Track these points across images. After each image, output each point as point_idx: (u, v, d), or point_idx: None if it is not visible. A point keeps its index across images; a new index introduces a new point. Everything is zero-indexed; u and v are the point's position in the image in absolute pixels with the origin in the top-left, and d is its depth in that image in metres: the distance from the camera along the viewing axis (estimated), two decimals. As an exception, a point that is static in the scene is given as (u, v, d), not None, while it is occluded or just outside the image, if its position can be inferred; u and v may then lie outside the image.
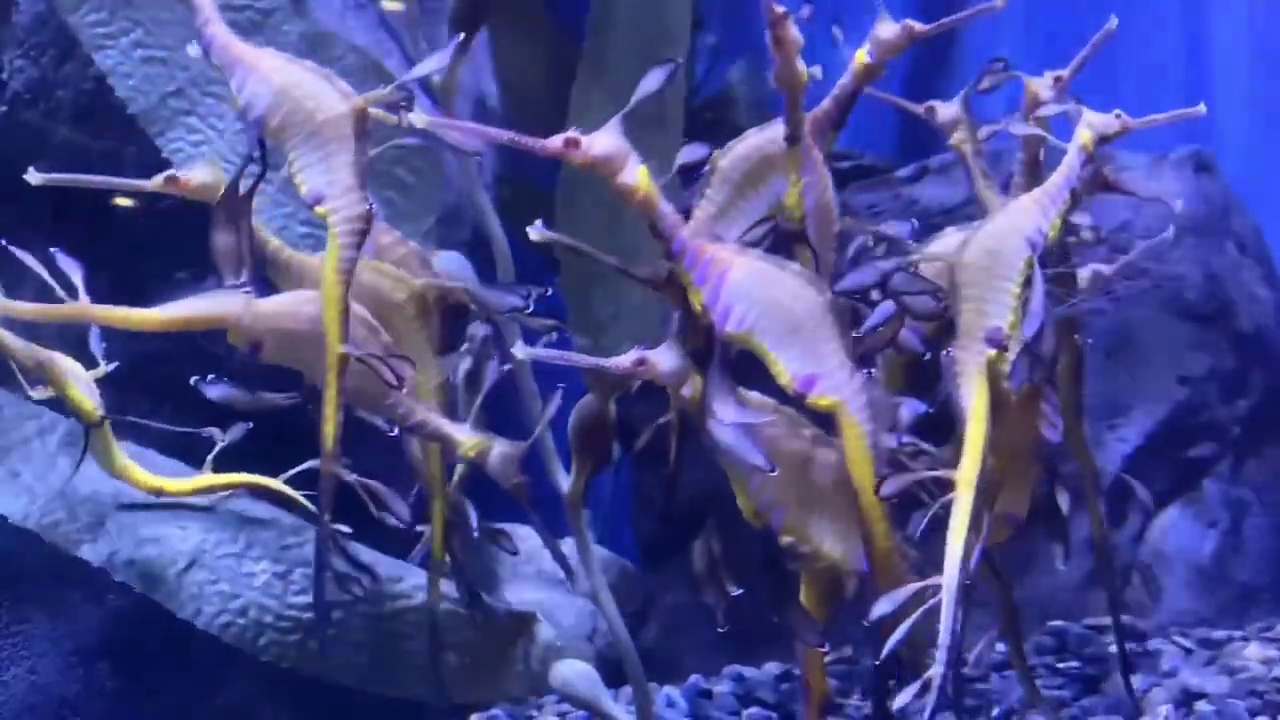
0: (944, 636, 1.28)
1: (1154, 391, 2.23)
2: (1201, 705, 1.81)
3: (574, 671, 1.94)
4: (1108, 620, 2.13)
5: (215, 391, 1.59)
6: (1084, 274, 1.67)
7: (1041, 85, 1.59)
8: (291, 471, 1.87)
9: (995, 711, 1.81)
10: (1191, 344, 2.24)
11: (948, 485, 1.34)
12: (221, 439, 1.85)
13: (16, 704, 1.92)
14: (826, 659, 1.50)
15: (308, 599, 1.83)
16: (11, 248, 1.64)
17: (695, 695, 2.03)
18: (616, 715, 1.91)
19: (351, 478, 1.54)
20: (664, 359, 1.36)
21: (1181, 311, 2.23)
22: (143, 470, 1.86)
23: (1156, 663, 1.99)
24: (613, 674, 1.98)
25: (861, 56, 1.51)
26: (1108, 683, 1.93)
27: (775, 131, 1.53)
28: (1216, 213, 2.28)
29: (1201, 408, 2.25)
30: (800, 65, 1.43)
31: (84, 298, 1.58)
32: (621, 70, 2.00)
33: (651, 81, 1.35)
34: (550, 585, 2.24)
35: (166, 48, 1.95)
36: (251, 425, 1.84)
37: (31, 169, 1.50)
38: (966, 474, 1.33)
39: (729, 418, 1.32)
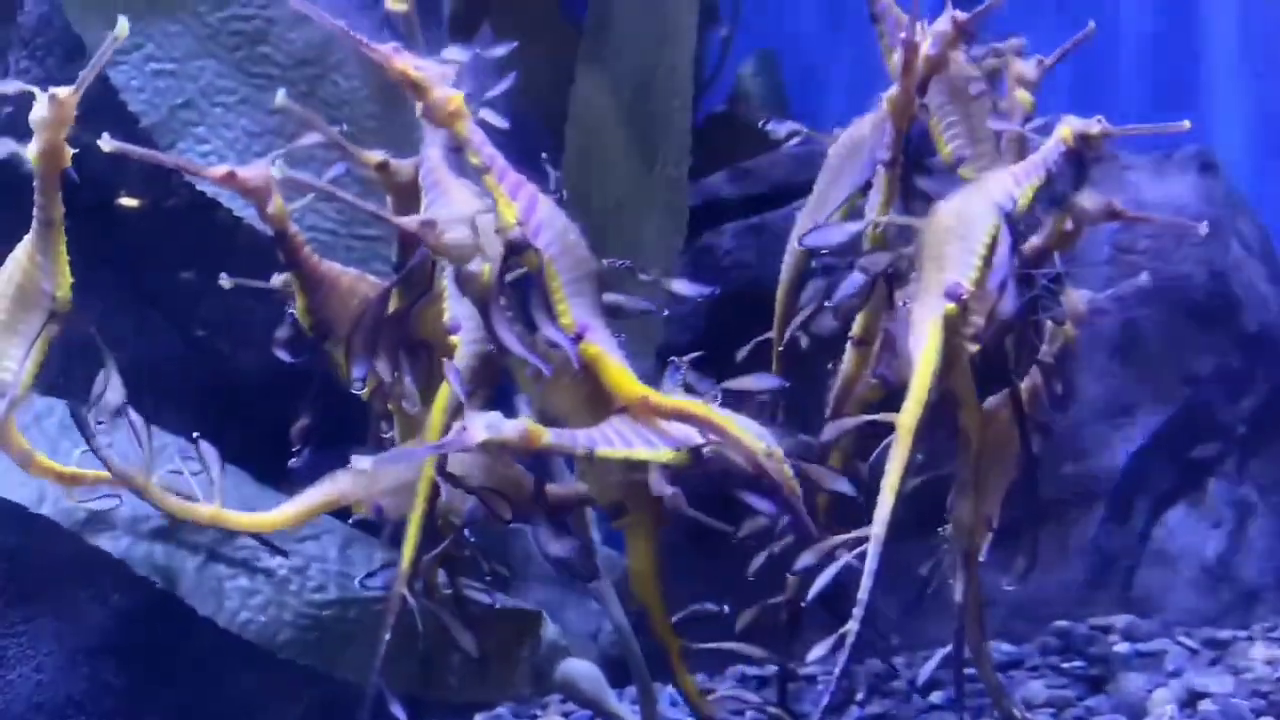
0: (864, 588, 1.26)
1: (1159, 391, 2.23)
2: (1206, 705, 1.81)
3: (579, 670, 1.94)
4: (1113, 620, 2.14)
5: (378, 580, 1.58)
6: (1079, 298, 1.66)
7: (1026, 67, 1.61)
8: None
9: (997, 713, 1.81)
10: (1196, 343, 2.24)
11: None
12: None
13: (23, 702, 1.92)
14: None
15: (325, 596, 1.81)
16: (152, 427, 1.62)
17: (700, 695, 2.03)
18: (621, 714, 1.91)
19: (418, 604, 1.53)
20: (478, 426, 1.29)
21: (1186, 311, 2.23)
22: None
23: (1161, 662, 1.99)
24: (617, 673, 1.98)
25: (925, 49, 1.52)
26: (1113, 682, 1.93)
27: (865, 121, 1.59)
28: (1221, 212, 2.28)
29: (1206, 407, 2.25)
30: (915, 94, 1.46)
31: (218, 498, 1.59)
32: (621, 66, 2.01)
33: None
34: (555, 584, 2.24)
35: (175, 60, 1.95)
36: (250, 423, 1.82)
37: (106, 135, 1.50)
38: (907, 420, 1.33)
39: (513, 346, 1.34)
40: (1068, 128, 1.49)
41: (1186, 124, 1.53)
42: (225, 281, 1.66)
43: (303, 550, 1.85)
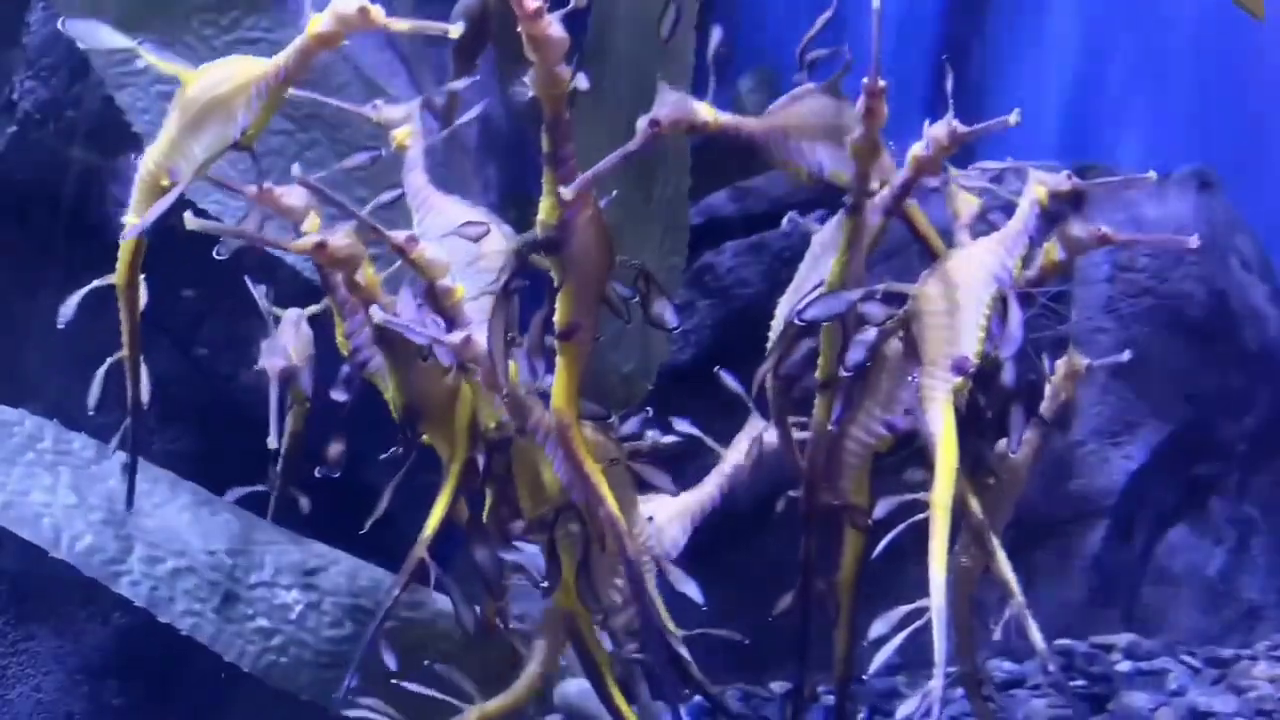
0: (938, 655, 1.34)
1: (1160, 409, 2.23)
2: (1209, 724, 1.81)
3: (579, 689, 1.93)
4: (1114, 638, 2.13)
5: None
6: None
7: (969, 206, 1.62)
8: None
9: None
10: (1197, 361, 2.24)
11: None
12: None
13: (22, 721, 1.92)
14: None
15: (342, 631, 1.78)
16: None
17: (701, 713, 2.03)
18: (622, 734, 1.91)
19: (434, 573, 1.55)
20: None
21: (1187, 329, 2.23)
22: None
23: (1164, 681, 1.98)
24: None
25: (917, 150, 1.51)
26: (1115, 701, 1.93)
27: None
28: (1220, 230, 2.28)
29: (1207, 425, 2.25)
30: (880, 140, 1.46)
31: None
32: (619, 87, 2.01)
33: None
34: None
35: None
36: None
37: (188, 214, 1.50)
38: (940, 497, 1.38)
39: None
40: (1041, 188, 1.50)
41: (1152, 175, 1.55)
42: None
43: (315, 583, 1.80)
